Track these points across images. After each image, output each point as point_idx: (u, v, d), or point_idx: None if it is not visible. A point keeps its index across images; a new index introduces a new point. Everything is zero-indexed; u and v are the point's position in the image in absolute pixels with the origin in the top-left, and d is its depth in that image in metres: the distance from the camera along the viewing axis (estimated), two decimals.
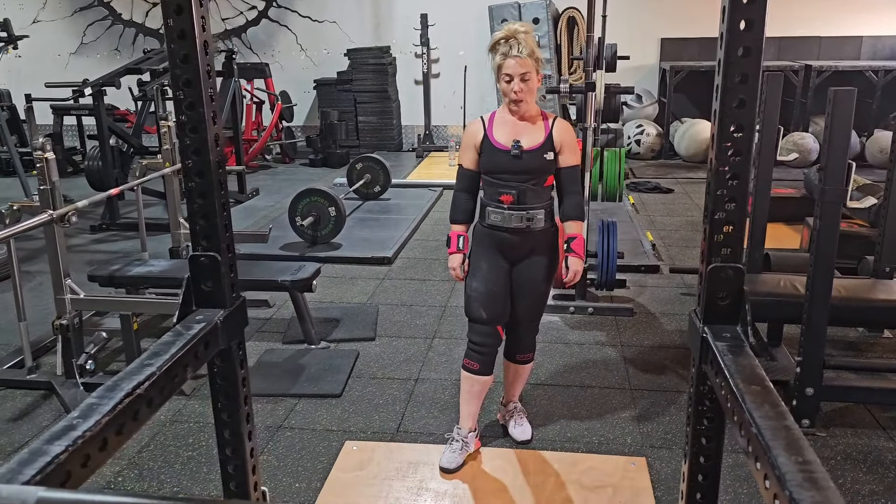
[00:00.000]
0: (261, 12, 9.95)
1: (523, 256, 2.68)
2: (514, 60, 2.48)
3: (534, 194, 2.60)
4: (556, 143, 2.61)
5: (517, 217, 2.60)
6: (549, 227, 2.67)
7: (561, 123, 2.63)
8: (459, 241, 2.72)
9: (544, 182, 2.63)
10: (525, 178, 2.58)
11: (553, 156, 2.60)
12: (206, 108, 1.57)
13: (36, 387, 3.38)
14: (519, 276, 2.69)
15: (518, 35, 2.50)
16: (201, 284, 1.68)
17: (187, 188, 1.63)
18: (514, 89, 2.51)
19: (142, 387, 1.33)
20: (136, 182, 4.09)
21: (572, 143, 2.64)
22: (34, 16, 10.13)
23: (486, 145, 2.61)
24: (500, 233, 2.63)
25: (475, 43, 9.45)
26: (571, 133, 2.65)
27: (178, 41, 1.54)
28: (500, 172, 2.59)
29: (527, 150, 2.57)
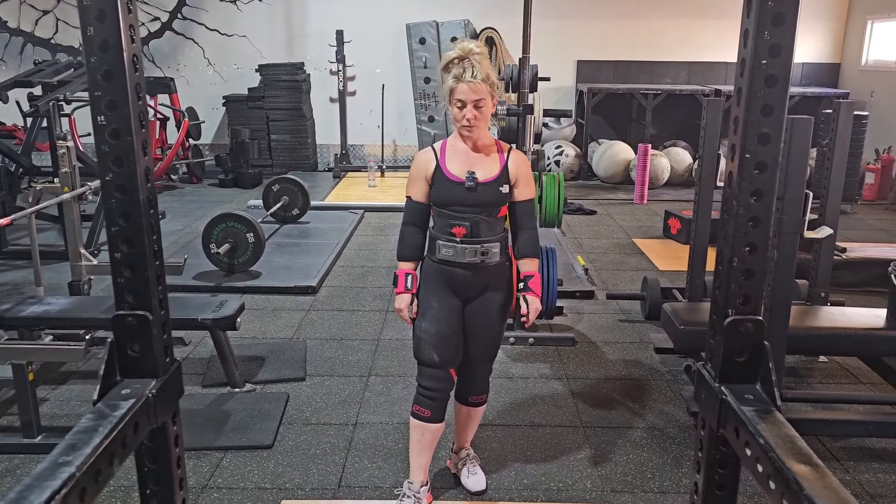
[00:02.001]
0: (164, 24, 9.41)
1: (477, 293, 2.48)
2: (468, 86, 2.28)
3: (488, 226, 2.42)
4: (512, 175, 2.44)
5: (471, 251, 2.40)
6: (503, 261, 2.48)
7: (517, 155, 2.47)
8: (407, 280, 2.50)
9: (498, 213, 2.45)
10: (479, 210, 2.41)
11: (507, 188, 2.43)
12: (136, 137, 1.29)
13: None
14: (472, 315, 2.49)
15: (472, 56, 2.31)
16: (127, 349, 1.38)
17: (109, 233, 1.33)
18: (466, 116, 2.32)
19: (57, 496, 1.03)
20: (31, 210, 3.63)
21: (528, 175, 2.48)
22: None
23: (439, 176, 2.41)
24: (452, 268, 2.43)
25: (392, 60, 9.27)
26: (527, 165, 2.49)
27: (99, 54, 1.25)
28: (453, 205, 2.40)
29: (482, 183, 2.39)
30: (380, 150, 9.34)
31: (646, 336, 4.16)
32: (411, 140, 9.56)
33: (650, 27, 9.33)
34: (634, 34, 9.34)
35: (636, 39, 9.36)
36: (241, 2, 9.31)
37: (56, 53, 9.30)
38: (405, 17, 9.01)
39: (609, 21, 9.34)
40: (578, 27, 9.33)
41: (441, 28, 8.93)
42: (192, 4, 9.35)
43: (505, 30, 8.78)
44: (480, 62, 2.31)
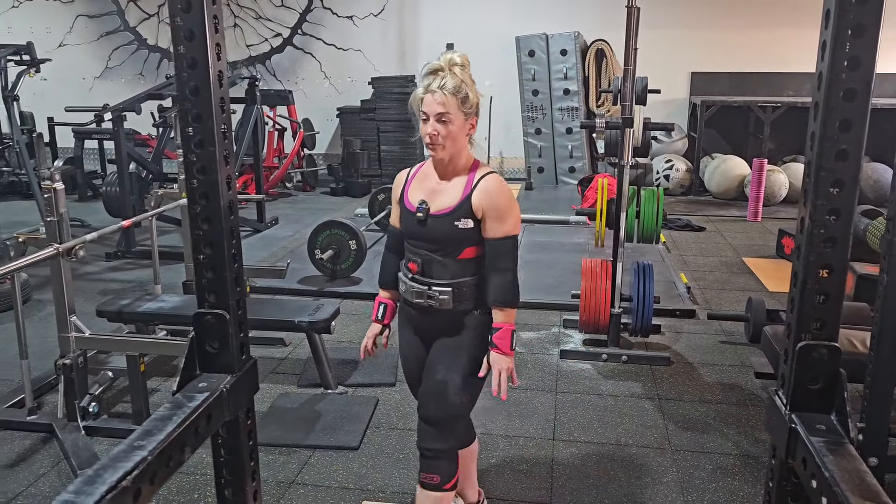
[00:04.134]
0: (286, 39, 9.90)
1: (433, 336, 2.23)
2: (432, 96, 2.03)
3: (441, 267, 2.13)
4: (476, 207, 2.08)
5: (416, 291, 2.16)
6: (466, 309, 2.16)
7: (487, 182, 2.10)
8: (380, 310, 2.33)
9: (458, 254, 2.12)
10: (431, 248, 2.13)
11: (472, 223, 2.09)
12: (218, 147, 1.38)
13: (35, 429, 3.18)
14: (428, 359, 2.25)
15: (453, 68, 2.06)
16: (206, 346, 1.48)
17: (194, 237, 1.44)
18: (427, 131, 2.05)
19: (128, 477, 1.12)
20: (150, 213, 3.93)
21: (501, 207, 2.09)
22: (60, 39, 10.17)
23: (401, 202, 2.21)
24: (407, 305, 2.25)
25: (501, 73, 9.32)
26: (501, 195, 2.10)
27: (188, 71, 1.35)
28: (409, 237, 2.18)
29: (433, 215, 2.11)
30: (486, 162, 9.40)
31: (747, 360, 3.97)
32: (518, 152, 9.57)
33: (770, 36, 8.92)
34: (752, 44, 8.95)
35: (754, 49, 8.96)
36: (357, 17, 9.65)
37: None
38: (515, 30, 9.05)
39: (725, 31, 9.00)
40: (692, 37, 9.04)
41: (551, 40, 8.91)
42: (312, 20, 9.79)
43: (616, 41, 8.63)
44: (460, 74, 2.06)
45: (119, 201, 6.08)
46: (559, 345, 4.17)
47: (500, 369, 2.13)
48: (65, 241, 3.00)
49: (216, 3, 1.33)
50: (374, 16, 9.61)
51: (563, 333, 4.36)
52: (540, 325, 4.50)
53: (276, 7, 9.81)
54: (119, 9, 10.10)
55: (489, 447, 3.10)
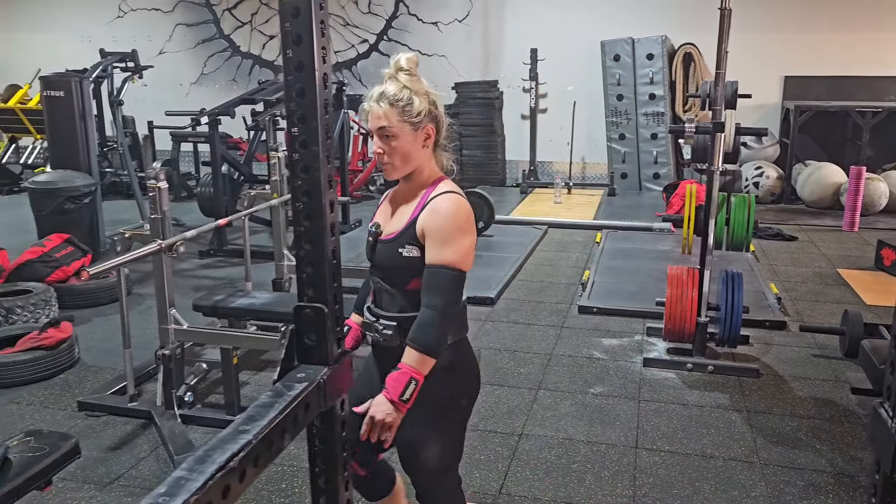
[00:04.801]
0: (372, 45, 10.11)
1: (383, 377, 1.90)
2: (370, 110, 1.84)
3: (389, 298, 1.90)
4: (419, 231, 1.82)
5: (366, 323, 1.97)
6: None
7: (437, 202, 1.83)
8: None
9: (406, 285, 1.87)
10: (380, 276, 1.93)
11: (418, 251, 1.83)
12: (321, 147, 1.44)
13: (136, 415, 3.37)
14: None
15: (399, 74, 1.85)
16: (305, 338, 1.54)
17: (296, 232, 1.50)
18: (374, 149, 1.88)
19: (235, 458, 1.18)
20: (243, 213, 4.09)
21: (445, 230, 1.80)
22: (161, 47, 10.69)
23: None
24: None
25: (585, 78, 9.23)
26: (449, 217, 1.81)
27: (295, 73, 1.42)
28: (369, 262, 1.98)
29: (381, 240, 1.90)
30: (567, 168, 9.33)
31: (842, 374, 3.80)
32: (600, 158, 9.45)
33: (870, 39, 8.50)
34: (850, 47, 8.55)
35: (852, 52, 8.56)
36: (442, 23, 9.76)
37: (278, 74, 10.32)
38: (600, 35, 8.95)
39: (821, 34, 8.63)
40: (786, 41, 8.72)
41: (637, 45, 8.77)
42: (397, 27, 9.96)
43: (705, 45, 8.44)
44: (401, 80, 1.84)
45: (213, 201, 6.34)
46: (642, 352, 4.11)
47: (374, 414, 1.79)
48: (167, 238, 3.16)
49: (323, 8, 1.39)
50: (458, 21, 9.69)
51: (646, 341, 4.29)
52: (622, 333, 4.44)
53: (363, 14, 10.03)
54: (215, 17, 10.55)
55: (570, 452, 3.08)
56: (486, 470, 2.96)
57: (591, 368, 3.94)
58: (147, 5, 10.73)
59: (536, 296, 5.18)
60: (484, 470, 2.96)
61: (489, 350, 4.18)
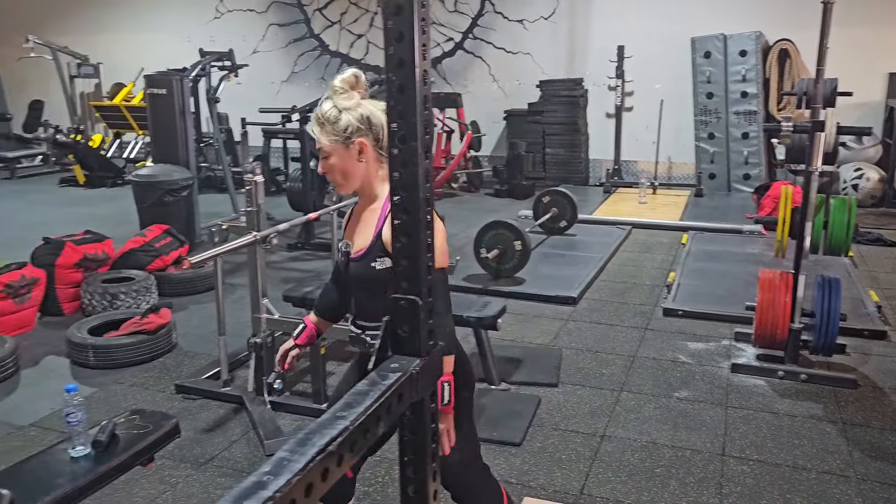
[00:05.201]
0: (457, 44, 10.17)
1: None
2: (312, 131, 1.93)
3: (372, 310, 1.97)
4: (387, 243, 1.83)
5: (353, 337, 2.04)
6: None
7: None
8: (298, 328, 2.17)
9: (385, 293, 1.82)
10: (359, 289, 2.01)
11: (390, 261, 1.84)
12: (420, 142, 1.47)
13: (228, 400, 3.51)
14: None
15: (333, 96, 1.90)
16: (398, 329, 1.58)
17: (393, 226, 1.54)
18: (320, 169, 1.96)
19: (334, 443, 1.23)
20: (332, 207, 4.20)
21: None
22: (254, 47, 11.07)
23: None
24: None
25: (673, 75, 9.01)
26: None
27: (395, 70, 1.45)
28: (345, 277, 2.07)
29: (353, 258, 1.97)
30: (653, 167, 9.14)
31: None
32: (687, 158, 9.21)
33: None
34: None
35: None
36: (528, 21, 9.72)
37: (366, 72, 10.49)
38: (690, 31, 8.72)
39: None
40: (890, 35, 8.26)
41: (729, 41, 8.50)
42: (483, 25, 9.99)
43: (802, 41, 8.09)
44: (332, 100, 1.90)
45: (301, 196, 6.53)
46: (730, 358, 3.99)
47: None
48: (261, 230, 3.29)
49: (424, 6, 1.42)
50: (544, 19, 9.63)
51: (734, 346, 4.16)
52: (709, 337, 4.32)
53: (449, 12, 10.10)
54: (306, 17, 10.85)
55: (654, 456, 3.03)
56: (568, 469, 2.94)
57: (676, 372, 3.85)
58: (242, 6, 11.13)
59: (619, 297, 5.10)
60: (565, 469, 2.94)
61: (570, 350, 4.15)
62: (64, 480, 2.02)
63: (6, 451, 3.08)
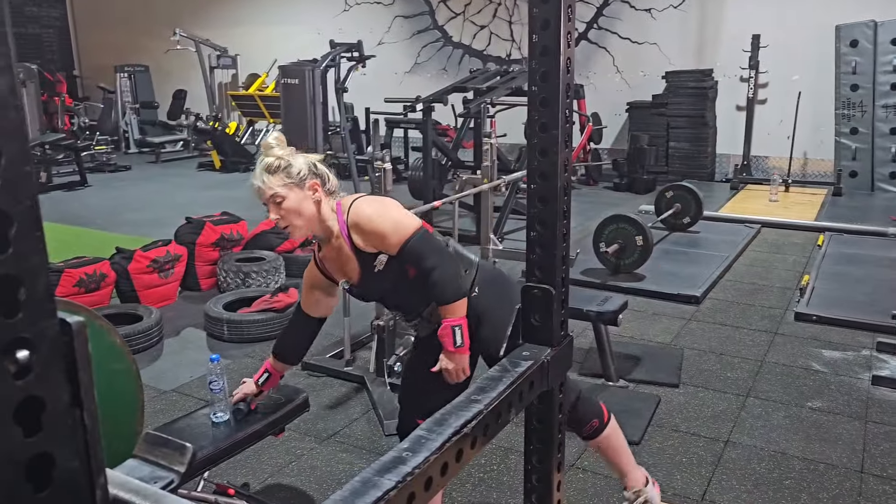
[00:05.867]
0: (581, 34, 10.00)
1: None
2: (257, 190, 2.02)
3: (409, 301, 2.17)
4: (364, 246, 2.03)
5: (422, 326, 2.21)
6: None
7: (352, 218, 2.02)
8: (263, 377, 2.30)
9: (408, 275, 2.08)
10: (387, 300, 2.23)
11: (384, 254, 2.04)
12: (561, 131, 1.45)
13: (350, 379, 3.64)
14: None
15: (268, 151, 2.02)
16: (531, 318, 1.58)
17: (529, 214, 1.53)
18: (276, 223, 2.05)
19: (469, 425, 1.24)
20: (454, 196, 4.24)
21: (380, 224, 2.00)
22: (380, 38, 11.33)
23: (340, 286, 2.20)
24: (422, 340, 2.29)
25: (814, 66, 8.49)
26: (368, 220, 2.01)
27: (540, 57, 1.44)
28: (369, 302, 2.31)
29: (357, 286, 2.13)
30: (786, 164, 8.65)
31: None
32: (826, 154, 8.65)
33: None
34: None
35: None
36: (656, 10, 9.42)
37: (486, 63, 10.54)
38: (835, 18, 8.17)
39: None
40: None
41: (880, 28, 7.90)
42: (609, 14, 9.77)
43: None
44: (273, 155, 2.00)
45: (422, 185, 6.64)
46: (871, 369, 3.72)
47: (444, 367, 2.07)
48: None
49: None
50: (673, 7, 9.30)
51: (875, 357, 3.88)
52: (846, 346, 4.05)
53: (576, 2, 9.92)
54: (430, 9, 10.99)
55: (782, 467, 2.88)
56: (689, 473, 2.85)
57: (809, 380, 3.64)
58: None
59: (747, 298, 4.87)
60: (686, 473, 2.85)
61: (693, 350, 4.01)
62: (206, 442, 2.16)
63: (151, 413, 3.32)
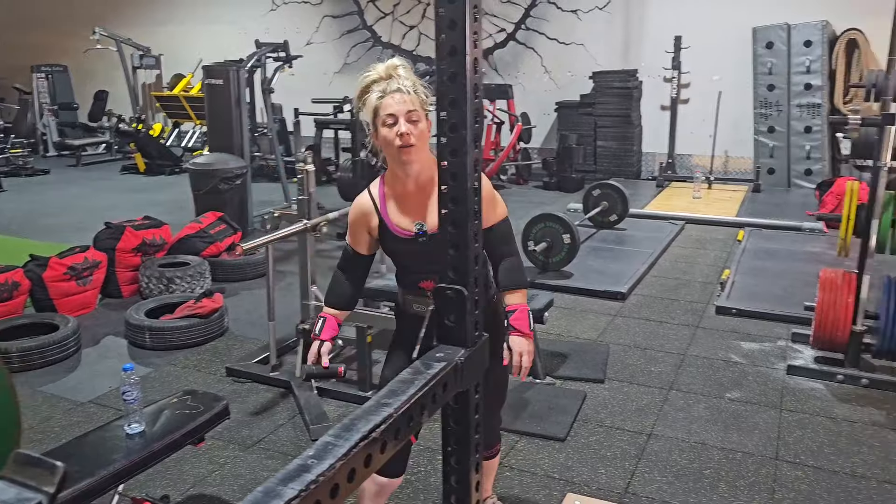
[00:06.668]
0: (509, 35, 10.09)
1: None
2: (395, 97, 1.94)
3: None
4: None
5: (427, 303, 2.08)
6: (490, 297, 2.11)
7: None
8: (317, 325, 2.14)
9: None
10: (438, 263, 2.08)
11: None
12: (469, 131, 1.45)
13: (276, 384, 3.57)
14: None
15: (398, 70, 1.99)
16: (445, 319, 1.57)
17: (440, 215, 1.52)
18: (399, 131, 1.93)
19: (377, 430, 1.22)
20: None
21: (488, 195, 2.03)
22: (308, 38, 11.18)
23: (385, 232, 2.06)
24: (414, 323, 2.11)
25: (732, 67, 8.78)
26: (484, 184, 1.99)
27: (448, 58, 1.43)
28: (413, 259, 2.08)
29: (433, 232, 2.00)
30: (709, 161, 8.93)
31: None
32: (745, 152, 8.97)
33: None
34: None
35: None
36: (582, 11, 9.58)
37: (416, 63, 10.53)
38: (752, 21, 8.48)
39: None
40: None
41: (793, 31, 8.24)
42: (536, 15, 9.88)
43: (873, 31, 7.79)
44: (407, 75, 1.98)
45: (351, 186, 6.57)
46: (786, 359, 3.87)
47: (522, 352, 2.06)
48: (312, 218, 3.32)
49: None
50: (599, 9, 9.48)
51: (790, 348, 4.04)
52: (764, 337, 4.20)
53: (502, 3, 10.02)
54: (359, 9, 10.91)
55: (703, 457, 2.96)
56: (613, 467, 2.90)
57: (728, 372, 3.76)
58: None
59: (670, 293, 5.00)
60: (610, 467, 2.90)
61: (618, 346, 4.09)
62: (119, 456, 2.08)
63: (67, 426, 3.19)
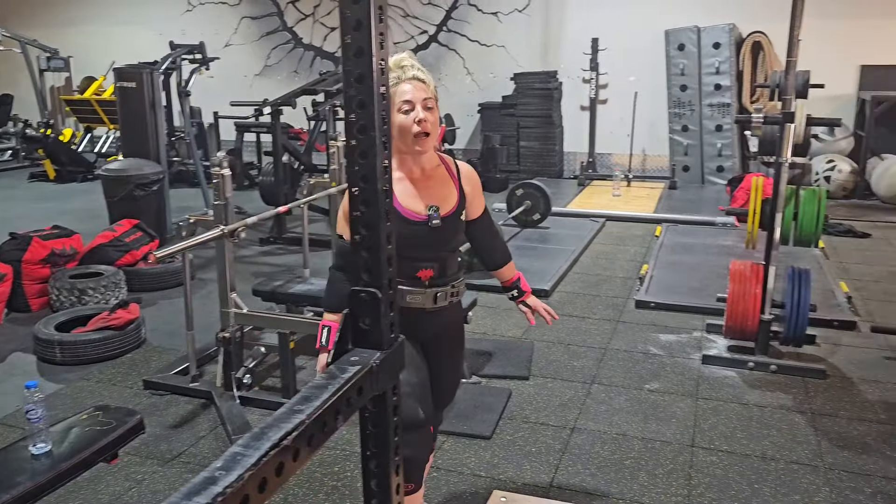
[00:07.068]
0: (431, 36, 10.12)
1: (437, 333, 2.20)
2: (413, 84, 1.98)
3: (454, 262, 2.16)
4: (469, 196, 2.16)
5: (442, 294, 2.10)
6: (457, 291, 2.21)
7: (465, 168, 2.19)
8: (324, 335, 2.05)
9: (458, 244, 2.23)
10: (447, 248, 2.13)
11: (464, 213, 2.16)
12: (378, 133, 1.44)
13: (197, 395, 3.47)
14: (439, 357, 2.22)
15: (408, 60, 2.05)
16: (359, 322, 1.56)
17: (352, 217, 1.51)
18: (417, 118, 1.96)
19: (289, 437, 1.20)
20: (302, 200, 4.15)
21: (479, 187, 2.23)
22: (227, 40, 10.93)
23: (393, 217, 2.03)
24: (419, 312, 2.09)
25: (647, 68, 9.05)
26: (476, 176, 2.23)
27: (353, 59, 1.42)
28: (417, 246, 2.04)
29: (446, 217, 2.07)
30: (627, 160, 9.18)
31: None
32: (661, 150, 9.26)
33: None
34: None
35: None
36: (502, 13, 9.70)
37: (338, 65, 10.43)
38: (664, 24, 8.76)
39: None
40: (864, 28, 8.34)
41: (703, 33, 8.55)
42: (457, 17, 9.95)
43: (776, 34, 8.16)
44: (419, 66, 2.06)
45: (273, 190, 6.47)
46: (701, 349, 4.01)
47: (540, 306, 2.36)
48: (229, 224, 3.24)
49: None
50: (518, 11, 9.62)
51: (705, 338, 4.19)
52: (681, 329, 4.35)
53: (424, 5, 10.05)
54: (279, 10, 10.74)
55: (624, 448, 3.04)
56: (538, 462, 2.94)
57: (648, 364, 3.87)
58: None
59: (592, 289, 5.11)
60: (535, 462, 2.94)
61: (542, 343, 4.15)
62: (24, 478, 1.98)
63: None
